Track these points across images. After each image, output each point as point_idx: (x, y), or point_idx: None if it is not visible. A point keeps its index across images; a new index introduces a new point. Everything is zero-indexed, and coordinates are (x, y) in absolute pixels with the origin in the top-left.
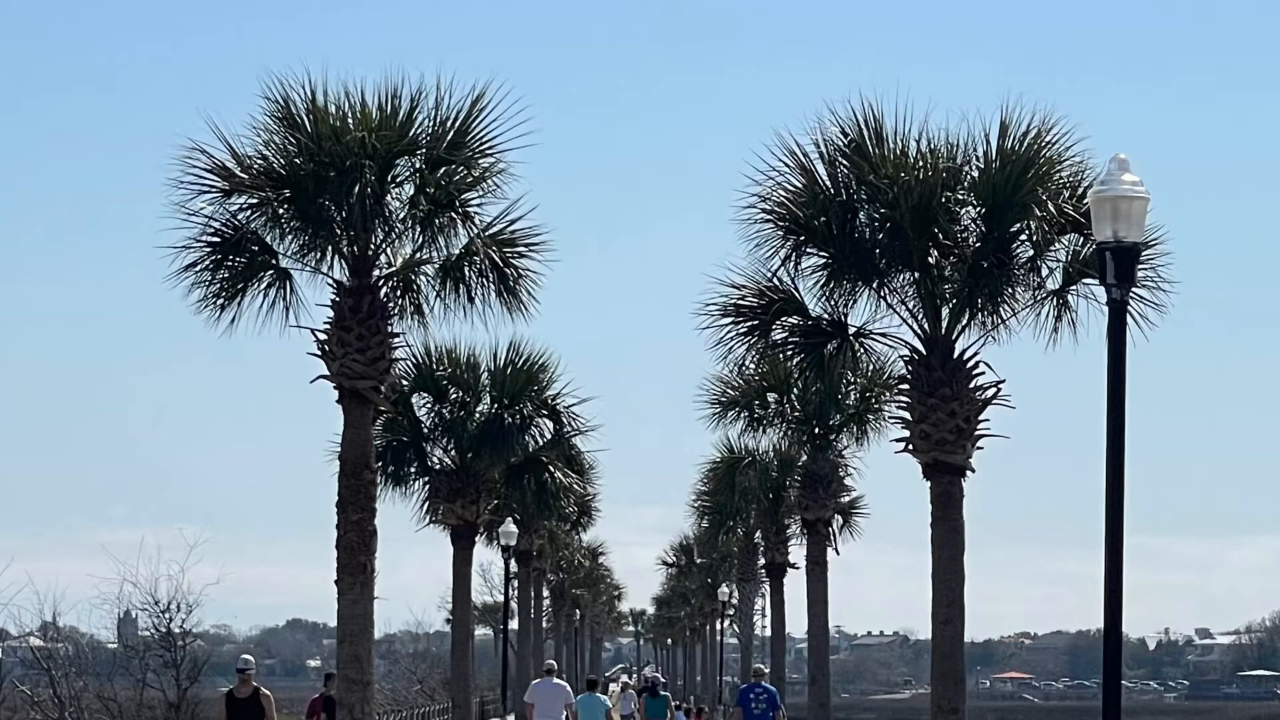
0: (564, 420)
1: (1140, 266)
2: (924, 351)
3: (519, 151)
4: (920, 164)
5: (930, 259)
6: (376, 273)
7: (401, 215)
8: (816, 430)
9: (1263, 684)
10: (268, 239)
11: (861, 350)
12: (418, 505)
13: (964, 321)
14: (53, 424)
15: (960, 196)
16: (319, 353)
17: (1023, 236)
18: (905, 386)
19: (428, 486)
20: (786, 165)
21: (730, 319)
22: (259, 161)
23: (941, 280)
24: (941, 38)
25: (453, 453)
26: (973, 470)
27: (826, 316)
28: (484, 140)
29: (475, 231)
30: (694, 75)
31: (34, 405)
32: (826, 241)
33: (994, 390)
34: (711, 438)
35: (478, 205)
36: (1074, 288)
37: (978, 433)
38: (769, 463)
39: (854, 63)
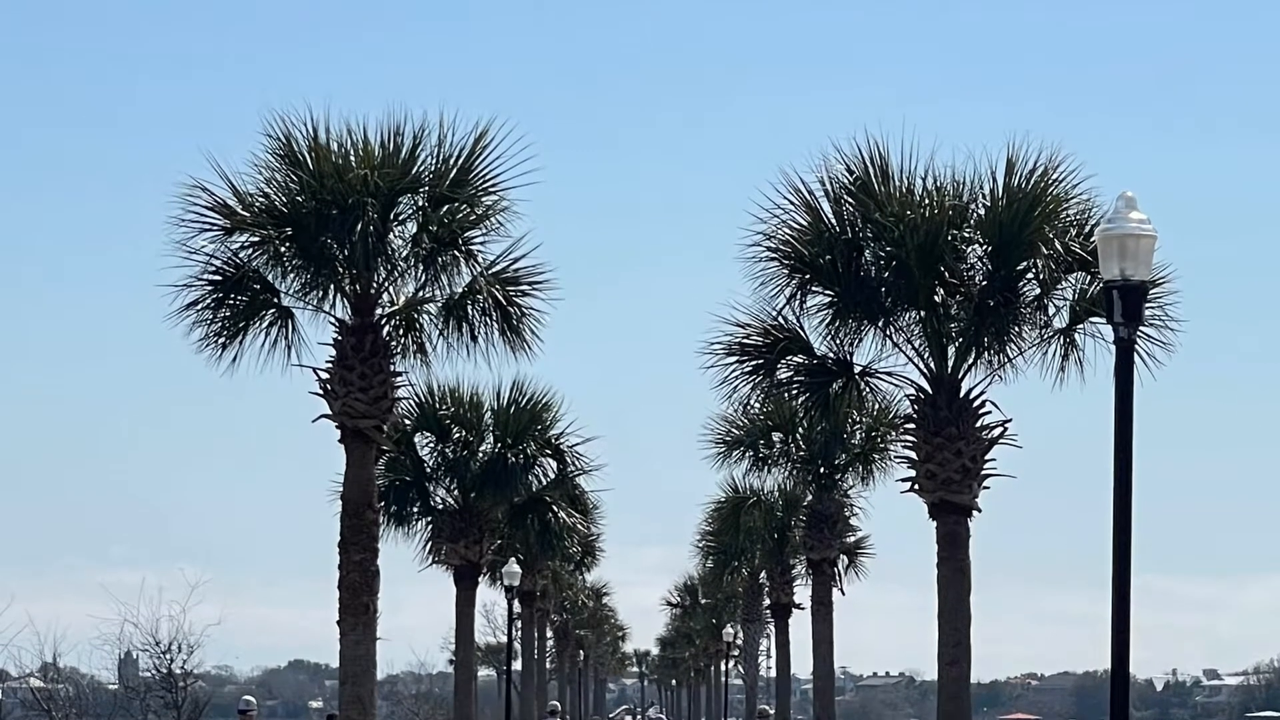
0: (567, 460)
1: (1148, 305)
2: (930, 390)
3: (522, 189)
4: (926, 202)
5: (936, 297)
6: (379, 311)
7: (404, 253)
8: (822, 470)
9: None
10: (269, 277)
11: (867, 389)
12: (420, 545)
13: (970, 360)
14: (52, 463)
15: (966, 235)
16: (321, 392)
17: (1029, 275)
18: (911, 426)
19: (430, 526)
20: (791, 203)
21: (735, 358)
22: (261, 199)
23: (947, 319)
24: (947, 75)
25: (455, 492)
26: (979, 510)
27: (832, 355)
28: (487, 178)
29: (478, 270)
30: (698, 112)
31: (33, 444)
32: (832, 280)
33: (1000, 429)
34: (716, 477)
35: (481, 243)
36: (1081, 326)
37: (984, 472)
38: (774, 502)
39: (859, 100)
